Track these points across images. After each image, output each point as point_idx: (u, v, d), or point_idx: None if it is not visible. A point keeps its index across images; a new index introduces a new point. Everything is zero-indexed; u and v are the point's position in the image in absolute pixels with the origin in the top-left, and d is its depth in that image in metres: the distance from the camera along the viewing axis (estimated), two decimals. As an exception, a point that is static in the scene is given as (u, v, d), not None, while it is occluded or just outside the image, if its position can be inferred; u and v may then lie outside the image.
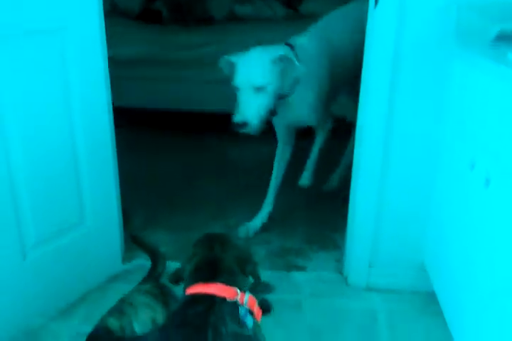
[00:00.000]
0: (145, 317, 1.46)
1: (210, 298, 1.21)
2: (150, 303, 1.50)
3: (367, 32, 1.91)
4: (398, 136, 1.93)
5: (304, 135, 2.60)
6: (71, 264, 1.99)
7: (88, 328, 1.48)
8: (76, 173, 1.96)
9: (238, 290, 1.24)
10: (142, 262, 2.26)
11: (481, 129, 1.46)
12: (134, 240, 2.22)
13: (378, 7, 1.80)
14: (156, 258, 1.78)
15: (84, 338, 1.46)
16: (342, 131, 2.65)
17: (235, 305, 1.22)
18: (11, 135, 1.71)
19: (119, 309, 1.50)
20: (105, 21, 1.97)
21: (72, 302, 2.02)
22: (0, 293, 1.76)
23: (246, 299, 1.25)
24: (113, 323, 1.44)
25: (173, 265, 1.62)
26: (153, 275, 1.72)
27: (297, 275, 2.20)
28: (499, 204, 1.30)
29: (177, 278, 1.35)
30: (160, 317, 1.47)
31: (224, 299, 1.21)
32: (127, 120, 2.57)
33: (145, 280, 1.71)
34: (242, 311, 1.22)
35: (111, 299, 1.68)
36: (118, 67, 2.41)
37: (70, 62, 1.84)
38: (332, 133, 2.57)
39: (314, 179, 2.58)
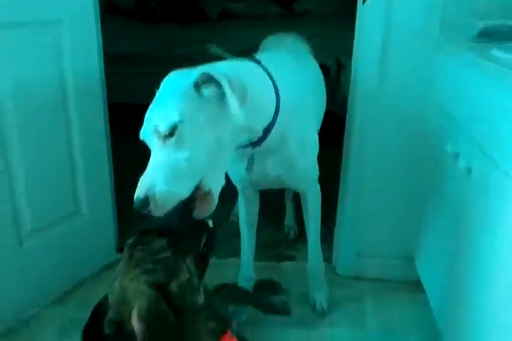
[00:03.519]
0: None
1: None
2: None
3: (356, 27, 1.95)
4: (384, 127, 1.99)
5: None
6: (66, 252, 2.03)
7: (81, 315, 1.50)
8: (72, 164, 2.00)
9: None
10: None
11: (464, 120, 1.50)
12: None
13: (366, 3, 1.86)
14: None
15: (77, 324, 1.48)
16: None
17: None
18: (10, 130, 1.75)
19: None
20: (100, 18, 1.99)
21: (67, 290, 2.05)
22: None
23: None
24: None
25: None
26: None
27: (287, 265, 2.26)
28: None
29: None
30: None
31: None
32: (120, 118, 2.60)
33: None
34: None
35: (105, 288, 1.71)
36: (112, 63, 2.44)
37: (66, 55, 1.89)
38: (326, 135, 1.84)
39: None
